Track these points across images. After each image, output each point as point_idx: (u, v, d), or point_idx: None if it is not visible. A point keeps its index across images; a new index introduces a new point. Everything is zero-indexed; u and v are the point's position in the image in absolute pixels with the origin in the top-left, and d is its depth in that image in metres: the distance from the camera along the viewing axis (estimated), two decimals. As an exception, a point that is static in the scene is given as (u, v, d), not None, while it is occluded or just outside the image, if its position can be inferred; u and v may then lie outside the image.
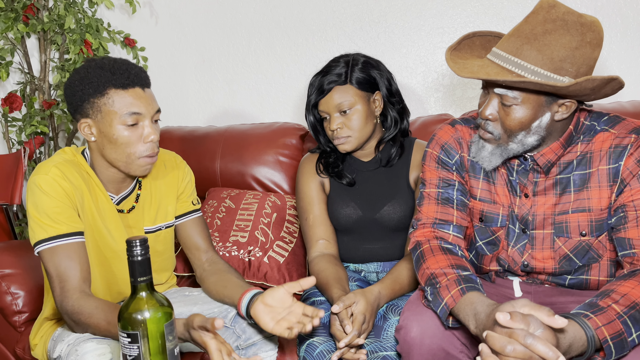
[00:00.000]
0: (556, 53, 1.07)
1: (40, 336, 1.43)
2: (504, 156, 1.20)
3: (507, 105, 1.13)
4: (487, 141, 1.21)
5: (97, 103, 1.26)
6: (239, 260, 1.83)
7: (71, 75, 1.30)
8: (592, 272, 1.24)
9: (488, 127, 1.18)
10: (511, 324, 0.92)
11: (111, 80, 1.25)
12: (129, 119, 1.26)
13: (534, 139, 1.16)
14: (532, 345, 0.89)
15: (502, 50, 1.12)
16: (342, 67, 1.53)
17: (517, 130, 1.15)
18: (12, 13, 2.22)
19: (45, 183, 1.25)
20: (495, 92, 1.14)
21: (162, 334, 0.91)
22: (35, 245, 1.26)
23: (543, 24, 1.08)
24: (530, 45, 1.08)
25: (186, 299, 1.49)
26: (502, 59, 1.12)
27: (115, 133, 1.27)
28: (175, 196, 1.49)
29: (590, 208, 1.19)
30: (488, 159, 1.21)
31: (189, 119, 2.43)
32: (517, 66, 1.09)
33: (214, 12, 2.34)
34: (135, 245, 0.89)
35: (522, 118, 1.13)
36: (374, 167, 1.63)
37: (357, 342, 1.28)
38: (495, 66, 1.12)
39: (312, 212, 1.61)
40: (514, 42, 1.11)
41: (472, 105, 2.15)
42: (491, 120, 1.17)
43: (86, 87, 1.26)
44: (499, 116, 1.16)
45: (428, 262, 1.21)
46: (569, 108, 1.14)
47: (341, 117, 1.52)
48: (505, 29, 2.04)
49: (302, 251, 1.89)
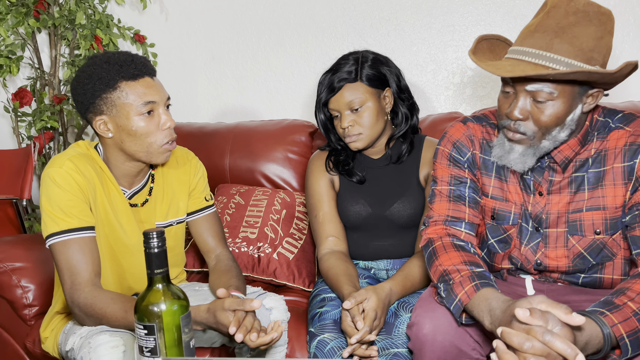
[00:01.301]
0: (585, 44, 1.07)
1: (51, 329, 1.43)
2: (537, 155, 1.18)
3: (542, 102, 1.11)
4: (517, 142, 1.17)
5: (110, 98, 1.26)
6: (249, 256, 1.83)
7: (77, 76, 1.29)
8: (605, 270, 1.24)
9: (520, 127, 1.15)
10: (530, 320, 0.91)
11: (120, 73, 1.25)
12: (144, 108, 1.27)
13: (565, 133, 1.15)
14: (551, 342, 0.89)
15: (530, 47, 1.10)
16: (352, 64, 1.53)
17: (553, 126, 1.13)
18: (23, 8, 2.22)
19: (59, 176, 1.25)
20: (526, 89, 1.11)
21: (178, 327, 0.91)
22: (47, 238, 1.26)
23: (566, 16, 1.08)
24: (561, 39, 1.08)
25: (196, 293, 1.50)
26: (532, 55, 1.10)
27: (133, 125, 1.27)
28: (187, 192, 1.49)
29: (605, 206, 1.19)
30: (520, 160, 1.18)
31: (198, 115, 2.43)
32: (551, 60, 1.08)
33: (223, 8, 2.34)
34: (152, 237, 0.89)
35: (558, 113, 1.12)
36: (384, 164, 1.62)
37: (368, 338, 1.28)
38: (526, 63, 1.10)
39: (322, 210, 1.61)
40: (540, 37, 1.10)
41: (482, 104, 2.15)
42: (522, 120, 1.14)
43: (96, 83, 1.26)
44: (530, 114, 1.14)
45: (441, 259, 1.21)
46: (596, 98, 1.14)
47: (352, 114, 1.52)
48: (516, 26, 2.05)
49: (311, 248, 1.89)
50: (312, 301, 1.55)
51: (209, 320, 1.18)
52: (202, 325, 1.21)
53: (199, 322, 1.21)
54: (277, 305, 1.39)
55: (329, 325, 1.41)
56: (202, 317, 1.20)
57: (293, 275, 1.82)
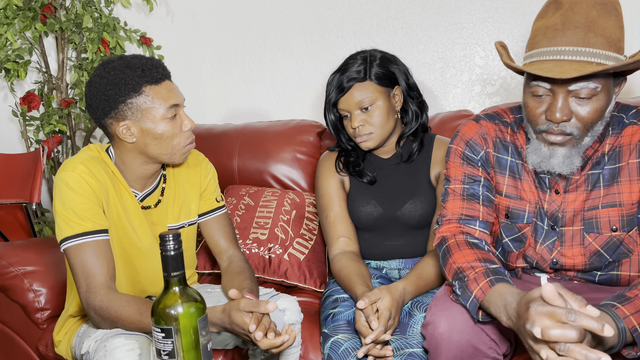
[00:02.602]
0: (614, 34, 1.08)
1: (65, 333, 1.43)
2: (581, 153, 1.16)
3: (586, 99, 1.10)
4: (560, 145, 1.15)
5: (135, 103, 1.26)
6: (259, 257, 1.83)
7: (94, 82, 1.28)
8: (622, 267, 1.23)
9: (566, 129, 1.12)
10: (555, 297, 0.90)
11: (144, 78, 1.25)
12: (169, 112, 1.28)
13: (603, 126, 1.15)
14: (577, 321, 0.87)
15: (565, 46, 1.09)
16: (360, 63, 1.52)
17: (597, 120, 1.12)
18: (30, 12, 2.23)
19: (72, 180, 1.25)
20: (569, 89, 1.09)
21: (195, 329, 0.91)
22: (62, 242, 1.26)
23: (590, 10, 1.08)
24: (594, 33, 1.08)
25: (209, 295, 1.49)
26: (571, 53, 1.08)
27: (160, 128, 1.28)
28: (198, 194, 1.49)
29: (621, 202, 1.18)
30: (568, 162, 1.15)
31: (206, 117, 2.43)
32: (592, 55, 1.07)
33: (229, 9, 2.34)
34: (168, 240, 0.88)
35: (602, 106, 1.11)
36: (395, 163, 1.62)
37: (383, 338, 1.28)
38: (569, 63, 1.08)
39: (333, 210, 1.61)
40: (573, 34, 1.09)
41: (490, 102, 2.14)
42: (567, 121, 1.12)
43: (121, 89, 1.25)
44: (573, 114, 1.12)
45: (455, 257, 1.20)
46: (621, 87, 1.15)
47: (362, 114, 1.52)
48: (524, 23, 2.04)
49: (322, 248, 1.89)
50: (324, 302, 1.55)
51: (224, 321, 1.18)
52: (217, 326, 1.21)
53: (214, 323, 1.21)
54: (290, 306, 1.38)
55: (342, 326, 1.40)
56: (218, 317, 1.20)
57: (304, 276, 1.82)
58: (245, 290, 1.32)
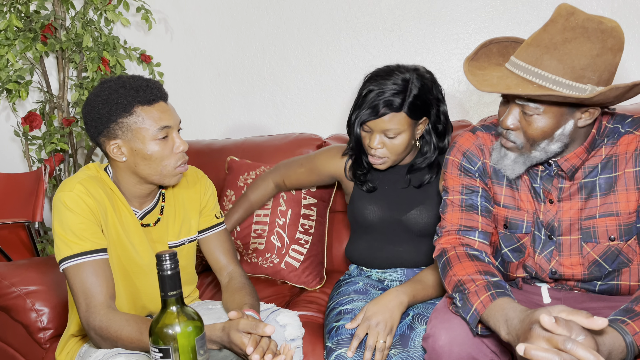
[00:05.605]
0: (577, 62, 1.05)
1: (67, 353, 1.43)
2: (527, 164, 1.19)
3: (529, 115, 1.12)
4: (509, 150, 1.20)
5: (125, 123, 1.27)
6: (259, 267, 1.91)
7: (90, 100, 1.29)
8: (622, 277, 1.22)
9: (510, 136, 1.17)
10: (555, 328, 0.90)
11: (136, 98, 1.26)
12: (160, 133, 1.28)
13: (557, 146, 1.15)
14: (573, 350, 0.87)
15: (521, 60, 1.10)
16: (399, 89, 1.46)
17: (539, 139, 1.14)
18: (31, 33, 2.26)
19: (69, 200, 1.26)
20: (516, 102, 1.13)
21: (193, 348, 0.91)
22: (61, 262, 1.26)
23: (562, 32, 1.06)
24: (550, 55, 1.07)
25: (209, 312, 1.49)
26: (522, 69, 1.10)
27: (149, 149, 1.28)
28: (198, 210, 1.50)
29: (618, 212, 1.18)
30: (511, 167, 1.21)
31: (206, 132, 2.45)
32: (538, 76, 1.08)
33: (228, 26, 2.36)
34: (165, 260, 0.89)
35: (544, 127, 1.12)
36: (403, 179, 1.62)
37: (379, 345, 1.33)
38: (515, 77, 1.11)
39: (305, 167, 1.77)
40: (533, 51, 1.09)
41: (489, 111, 2.14)
42: (513, 130, 1.16)
43: (112, 108, 1.26)
44: (520, 125, 1.15)
45: (455, 269, 1.20)
46: (593, 114, 1.13)
47: (384, 137, 1.50)
48: (520, 33, 2.05)
49: (319, 249, 1.93)
50: (328, 315, 1.55)
51: (223, 339, 1.18)
52: (216, 344, 1.21)
53: (214, 340, 1.21)
54: (291, 321, 1.38)
55: (346, 339, 1.40)
56: (217, 335, 1.20)
57: (303, 284, 1.90)
58: (247, 307, 1.31)
